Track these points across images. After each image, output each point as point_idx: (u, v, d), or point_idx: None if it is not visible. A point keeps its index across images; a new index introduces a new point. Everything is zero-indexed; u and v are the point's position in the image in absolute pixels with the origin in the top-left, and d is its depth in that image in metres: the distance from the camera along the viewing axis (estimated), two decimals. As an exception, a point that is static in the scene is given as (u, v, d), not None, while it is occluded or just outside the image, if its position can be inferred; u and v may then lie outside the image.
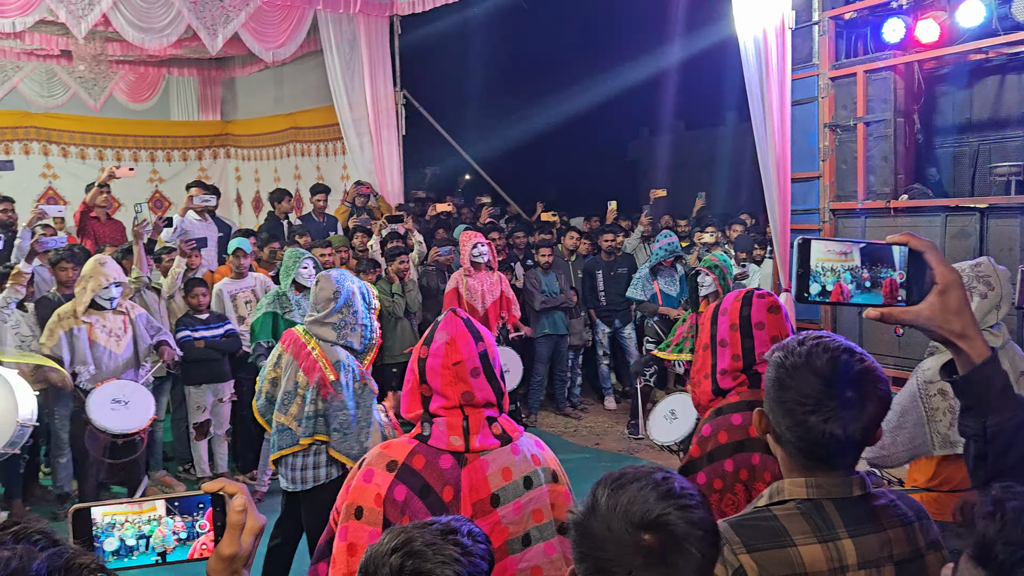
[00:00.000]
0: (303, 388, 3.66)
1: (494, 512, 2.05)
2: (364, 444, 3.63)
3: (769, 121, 6.03)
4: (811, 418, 1.47)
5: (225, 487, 1.19)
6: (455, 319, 2.13)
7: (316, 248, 6.61)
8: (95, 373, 5.16)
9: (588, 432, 7.48)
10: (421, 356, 2.12)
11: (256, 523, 1.21)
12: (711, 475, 2.31)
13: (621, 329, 7.95)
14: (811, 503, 1.53)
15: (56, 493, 5.70)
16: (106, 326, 5.23)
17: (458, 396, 2.06)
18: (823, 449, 1.49)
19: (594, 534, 1.19)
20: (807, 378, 1.47)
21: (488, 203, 9.33)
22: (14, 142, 9.61)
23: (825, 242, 1.32)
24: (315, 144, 9.97)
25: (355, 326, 3.68)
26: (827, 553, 1.49)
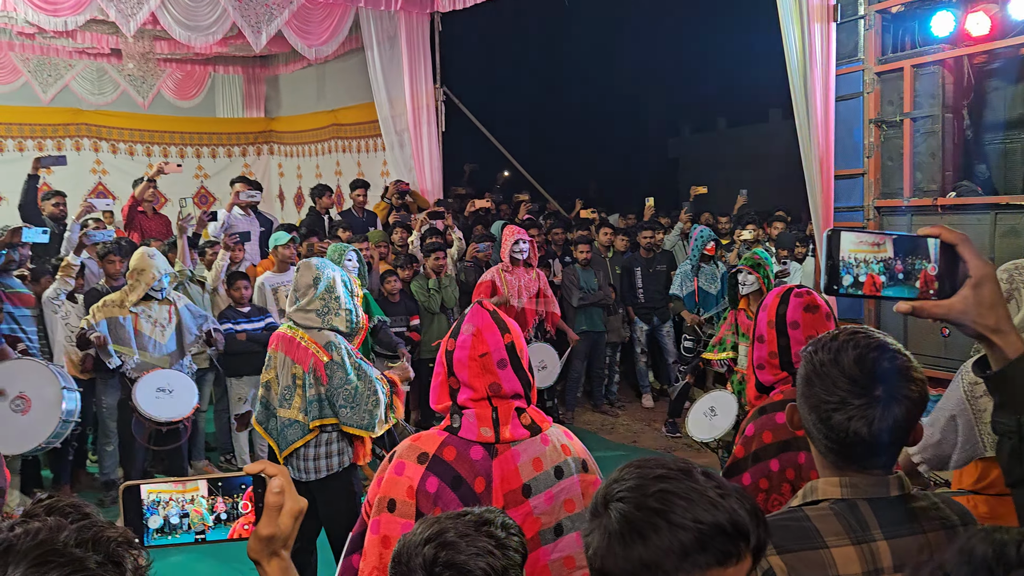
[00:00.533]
0: (300, 378, 3.66)
1: (526, 503, 2.06)
2: (375, 413, 3.62)
3: (813, 117, 5.93)
4: (835, 415, 1.43)
5: (266, 468, 1.20)
6: (481, 311, 2.14)
7: (353, 243, 6.67)
8: (140, 362, 5.28)
9: (625, 430, 7.45)
10: (448, 348, 2.13)
11: (296, 505, 1.20)
12: (756, 475, 2.27)
13: (659, 327, 7.90)
14: (845, 503, 1.48)
15: (102, 480, 5.84)
16: (151, 316, 5.34)
17: (485, 387, 2.07)
18: (849, 448, 1.46)
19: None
20: (833, 374, 1.44)
21: (527, 200, 9.32)
22: (66, 139, 9.86)
23: (856, 233, 1.30)
24: (356, 140, 10.06)
25: (338, 311, 3.67)
26: (861, 555, 1.44)
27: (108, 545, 0.89)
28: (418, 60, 8.64)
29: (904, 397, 1.42)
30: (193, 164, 10.78)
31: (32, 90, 9.91)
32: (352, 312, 3.76)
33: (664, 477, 1.12)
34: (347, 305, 3.73)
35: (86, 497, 5.77)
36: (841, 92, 6.14)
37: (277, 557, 1.21)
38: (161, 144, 10.55)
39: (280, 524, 1.19)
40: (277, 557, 1.21)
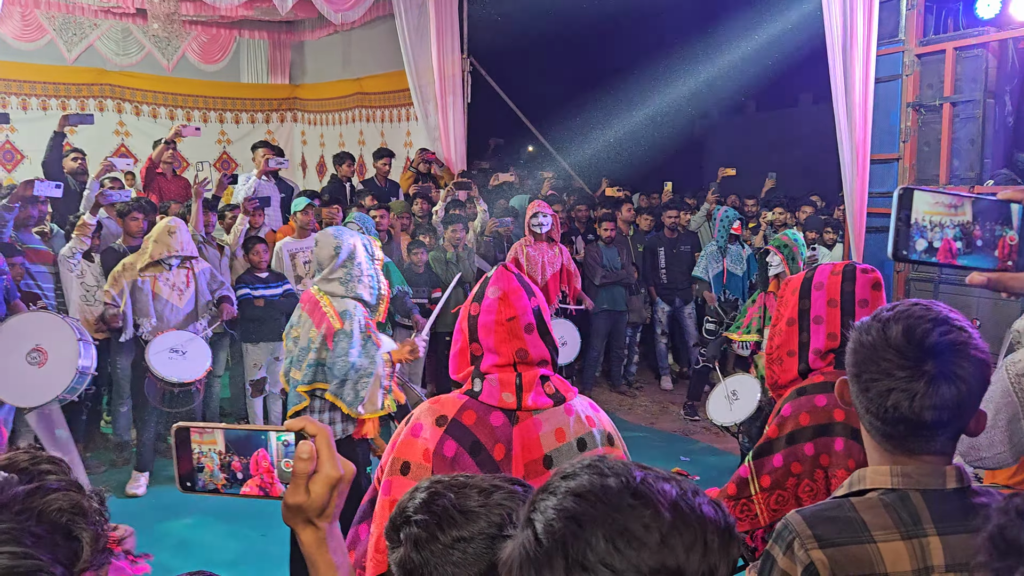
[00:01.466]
0: (315, 341, 3.63)
1: (547, 474, 1.97)
2: (360, 393, 3.59)
3: (851, 99, 5.76)
4: (875, 386, 1.32)
5: (306, 427, 1.08)
6: (507, 273, 2.04)
7: (373, 211, 6.60)
8: (156, 325, 5.24)
9: (643, 411, 7.36)
10: (472, 313, 2.03)
11: (333, 473, 1.08)
12: (789, 458, 2.17)
13: (681, 308, 7.78)
14: (896, 494, 1.36)
15: (116, 441, 5.83)
16: (169, 279, 5.30)
17: (512, 353, 1.97)
18: (893, 427, 1.34)
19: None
20: (879, 344, 1.33)
21: (551, 176, 9.19)
22: (89, 99, 9.81)
23: (931, 193, 1.17)
24: (380, 110, 9.96)
25: (361, 278, 3.64)
26: (911, 551, 1.32)
27: (52, 516, 0.81)
28: (446, 29, 8.49)
29: (954, 375, 1.29)
30: (216, 129, 10.71)
31: (57, 49, 9.84)
32: (374, 279, 3.71)
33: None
34: (369, 272, 3.69)
35: (99, 457, 5.77)
36: (879, 74, 5.95)
37: (312, 526, 1.10)
38: (184, 108, 10.48)
39: (312, 492, 1.07)
40: (312, 526, 1.10)
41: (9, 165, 9.20)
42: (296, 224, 6.48)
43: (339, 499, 1.10)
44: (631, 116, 17.08)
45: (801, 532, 1.36)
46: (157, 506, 5.14)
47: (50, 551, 0.79)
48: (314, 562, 1.12)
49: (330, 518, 1.11)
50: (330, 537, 1.12)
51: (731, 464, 5.41)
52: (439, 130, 8.62)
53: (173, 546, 4.60)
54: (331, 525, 1.12)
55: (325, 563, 1.11)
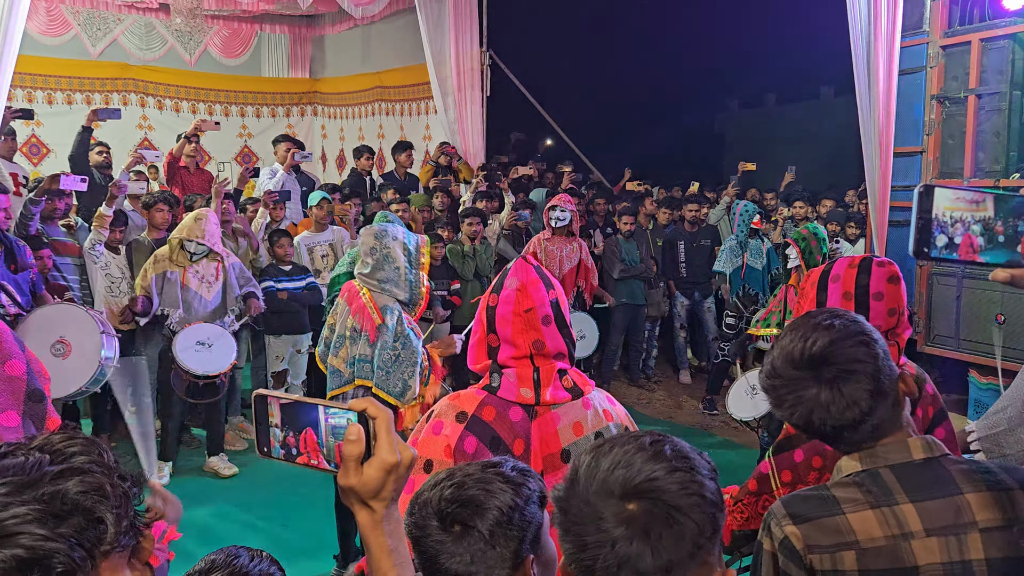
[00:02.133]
0: (351, 332, 3.68)
1: (564, 468, 1.98)
2: (408, 383, 3.62)
3: (874, 91, 5.70)
4: (799, 414, 1.45)
5: (368, 408, 1.08)
6: (525, 265, 2.05)
7: (393, 204, 6.64)
8: (183, 316, 5.30)
9: (661, 405, 7.35)
10: (490, 304, 2.04)
11: (387, 457, 1.07)
12: (810, 452, 2.17)
13: (701, 302, 7.76)
14: (866, 473, 1.44)
15: (140, 431, 5.89)
16: (199, 271, 5.36)
17: (528, 345, 1.99)
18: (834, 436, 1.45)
19: (572, 507, 1.05)
20: (783, 375, 1.47)
21: (571, 169, 9.18)
22: (113, 93, 9.92)
23: (952, 189, 1.17)
24: (400, 103, 9.98)
25: (398, 281, 3.64)
26: (882, 518, 1.38)
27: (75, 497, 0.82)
28: (464, 22, 8.49)
29: (846, 370, 1.40)
30: (237, 123, 10.79)
31: (81, 43, 9.95)
32: (412, 284, 3.69)
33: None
34: (408, 276, 3.67)
35: (124, 446, 5.85)
36: (903, 66, 5.89)
37: (366, 508, 1.10)
38: (206, 102, 10.56)
39: (365, 475, 1.07)
40: (366, 508, 1.10)
41: (35, 159, 9.32)
42: (312, 218, 6.54)
43: (397, 483, 1.09)
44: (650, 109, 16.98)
45: (776, 513, 1.45)
46: (179, 495, 5.20)
47: (73, 532, 0.80)
48: (368, 544, 1.12)
49: (386, 501, 1.10)
50: (387, 520, 1.11)
51: (750, 459, 5.39)
52: (458, 124, 8.63)
53: (195, 535, 4.66)
54: (388, 508, 1.11)
55: (378, 546, 1.11)
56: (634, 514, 1.00)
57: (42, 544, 0.78)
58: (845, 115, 6.10)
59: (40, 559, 0.78)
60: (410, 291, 3.66)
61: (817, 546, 1.39)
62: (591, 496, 1.03)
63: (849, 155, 6.06)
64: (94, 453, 0.87)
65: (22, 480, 0.81)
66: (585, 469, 1.06)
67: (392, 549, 1.11)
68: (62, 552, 0.79)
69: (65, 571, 0.79)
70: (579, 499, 1.04)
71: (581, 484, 1.05)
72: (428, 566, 1.33)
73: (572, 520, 1.05)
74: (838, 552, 1.38)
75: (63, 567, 0.79)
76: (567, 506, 1.06)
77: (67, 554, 0.79)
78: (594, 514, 1.02)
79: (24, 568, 0.77)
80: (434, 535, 1.34)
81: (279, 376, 6.15)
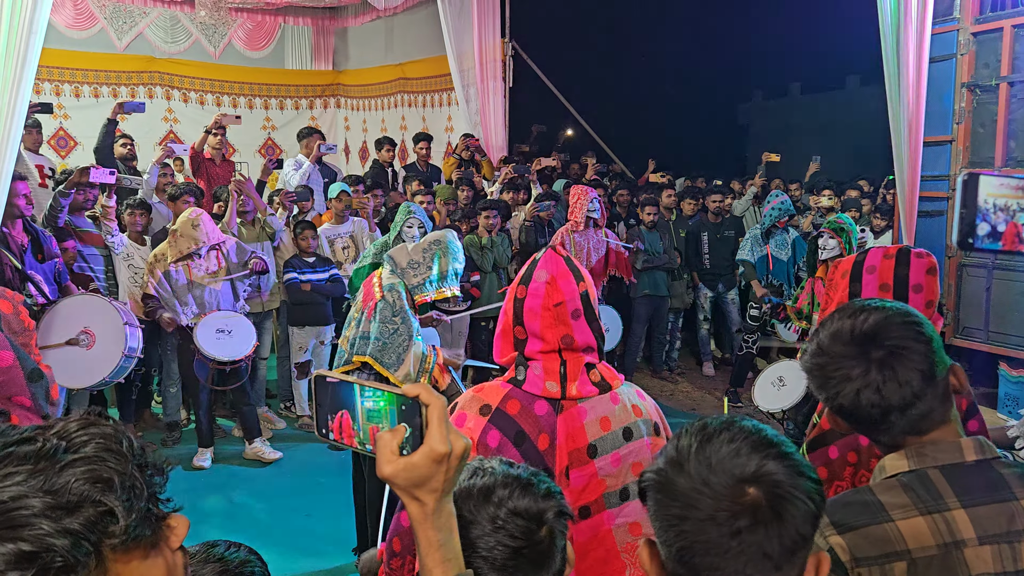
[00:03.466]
0: (358, 312, 3.82)
1: (591, 463, 1.95)
2: (402, 357, 3.71)
3: (904, 79, 5.61)
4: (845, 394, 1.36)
5: (421, 395, 1.03)
6: (555, 257, 1.99)
7: (418, 196, 6.64)
8: (198, 312, 5.33)
9: (684, 397, 7.31)
10: (518, 296, 1.98)
11: (438, 447, 1.01)
12: (844, 449, 2.12)
13: (724, 294, 7.70)
14: (914, 474, 1.34)
15: (166, 421, 5.97)
16: (202, 265, 5.38)
17: (557, 339, 1.94)
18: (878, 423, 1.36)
19: (684, 493, 0.99)
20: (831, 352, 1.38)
21: (594, 160, 9.14)
22: (139, 86, 9.99)
23: (997, 176, 1.14)
24: (422, 95, 9.98)
25: (419, 270, 3.76)
26: (933, 526, 1.29)
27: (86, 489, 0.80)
28: (487, 13, 8.47)
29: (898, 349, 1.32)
30: (261, 116, 10.84)
31: (108, 37, 10.04)
32: (429, 280, 3.80)
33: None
34: (433, 277, 3.81)
35: (150, 437, 5.92)
36: (933, 53, 5.79)
37: (416, 501, 1.05)
38: (231, 94, 10.62)
39: (411, 463, 1.02)
40: (416, 501, 1.05)
41: (63, 151, 9.43)
42: (332, 211, 6.58)
43: (449, 474, 1.04)
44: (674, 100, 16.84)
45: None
46: (216, 482, 5.27)
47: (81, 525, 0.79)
48: (417, 537, 1.08)
49: (437, 493, 1.04)
50: (437, 513, 1.06)
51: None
52: (480, 115, 8.61)
53: (218, 523, 4.71)
54: (440, 501, 1.05)
55: (427, 540, 1.06)
56: (756, 500, 0.97)
57: (46, 539, 0.77)
58: (872, 104, 6.01)
59: (40, 553, 0.76)
60: (421, 284, 3.78)
61: (865, 558, 1.30)
62: (709, 480, 0.99)
63: (876, 145, 5.97)
64: (110, 440, 0.85)
65: (32, 469, 0.80)
66: (693, 454, 1.01)
67: (441, 543, 1.06)
68: (62, 548, 0.77)
69: (64, 566, 0.77)
70: (691, 484, 1.00)
71: (692, 469, 1.00)
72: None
73: (682, 507, 0.99)
74: (888, 563, 1.29)
75: (63, 561, 0.77)
76: (674, 492, 1.01)
77: (68, 550, 0.77)
78: (712, 499, 0.97)
79: (24, 561, 0.75)
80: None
81: (302, 367, 6.18)
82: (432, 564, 1.06)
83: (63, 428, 0.85)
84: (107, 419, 0.89)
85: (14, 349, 1.80)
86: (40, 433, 0.84)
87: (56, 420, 0.88)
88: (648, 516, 1.05)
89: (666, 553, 1.02)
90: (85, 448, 0.83)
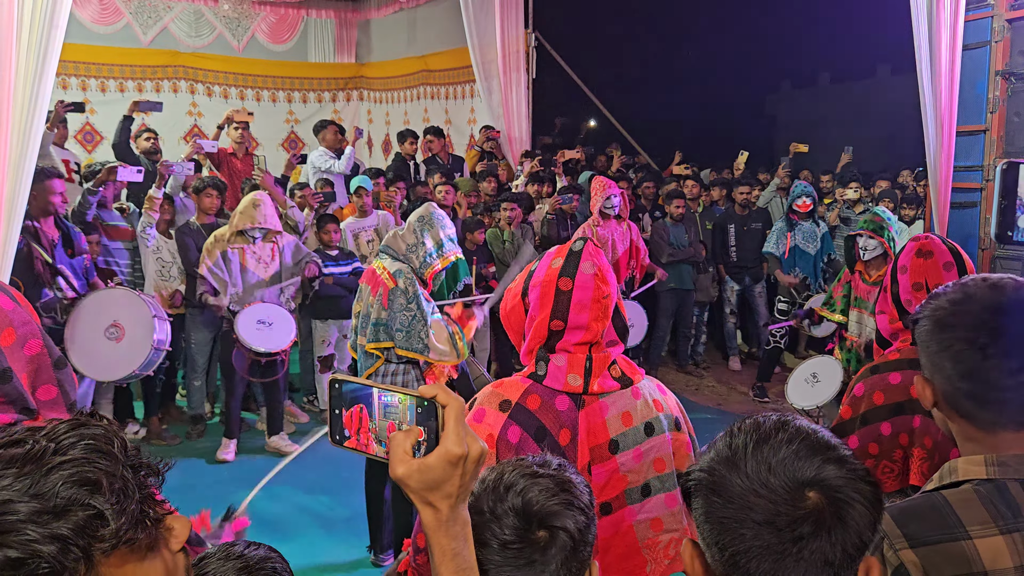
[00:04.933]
0: (372, 305, 3.82)
1: (612, 459, 1.92)
2: (425, 341, 3.75)
3: (936, 67, 5.48)
4: (976, 355, 1.22)
5: (438, 396, 0.99)
6: (596, 250, 1.98)
7: (440, 187, 6.62)
8: (240, 296, 5.36)
9: (710, 392, 7.23)
10: (562, 288, 1.91)
11: (454, 449, 0.97)
12: (865, 439, 2.08)
13: (751, 287, 7.59)
14: (992, 484, 1.25)
15: (190, 415, 6.00)
16: (256, 252, 5.43)
17: (600, 331, 1.92)
18: (996, 396, 1.22)
19: (740, 495, 0.94)
20: (971, 310, 1.23)
21: (619, 152, 9.05)
22: (163, 80, 10.05)
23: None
24: (444, 87, 9.94)
25: (418, 251, 3.80)
26: (1012, 546, 1.21)
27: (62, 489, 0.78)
28: (510, 3, 8.40)
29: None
30: (284, 109, 10.86)
31: (133, 31, 10.10)
32: (428, 255, 3.84)
33: None
34: (432, 250, 3.84)
35: (175, 430, 5.95)
36: (966, 41, 5.65)
37: (430, 507, 1.00)
38: (254, 88, 10.64)
39: (424, 465, 0.98)
40: (430, 507, 1.00)
41: (90, 146, 9.51)
42: (355, 205, 6.59)
43: (464, 479, 0.99)
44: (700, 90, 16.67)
45: (890, 532, 1.25)
46: (239, 473, 5.29)
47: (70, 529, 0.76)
48: (431, 545, 1.03)
49: (452, 499, 0.99)
50: (452, 521, 1.01)
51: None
52: (503, 107, 8.55)
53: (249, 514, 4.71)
54: (455, 508, 1.01)
55: (440, 549, 1.01)
56: (818, 504, 0.92)
57: (32, 545, 0.74)
58: (903, 94, 5.87)
59: (27, 559, 0.74)
60: (421, 263, 3.82)
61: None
62: (769, 483, 0.93)
63: (907, 135, 5.85)
64: (100, 441, 0.83)
65: (19, 472, 0.77)
66: (750, 454, 0.96)
67: (456, 552, 1.01)
68: (49, 554, 0.75)
69: (51, 571, 0.75)
70: (748, 486, 0.94)
71: (748, 471, 0.95)
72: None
73: (736, 510, 0.94)
74: None
75: (49, 567, 0.75)
76: (729, 493, 0.95)
77: (55, 556, 0.75)
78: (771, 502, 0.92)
79: (10, 568, 0.74)
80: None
81: (325, 360, 6.18)
82: (446, 573, 1.02)
83: (52, 430, 0.83)
84: (100, 419, 0.87)
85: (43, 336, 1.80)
86: (30, 435, 0.82)
87: (48, 421, 0.86)
88: (694, 517, 1.00)
89: (716, 556, 0.97)
90: (73, 450, 0.81)
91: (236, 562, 1.48)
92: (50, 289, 4.67)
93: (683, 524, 1.97)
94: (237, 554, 1.50)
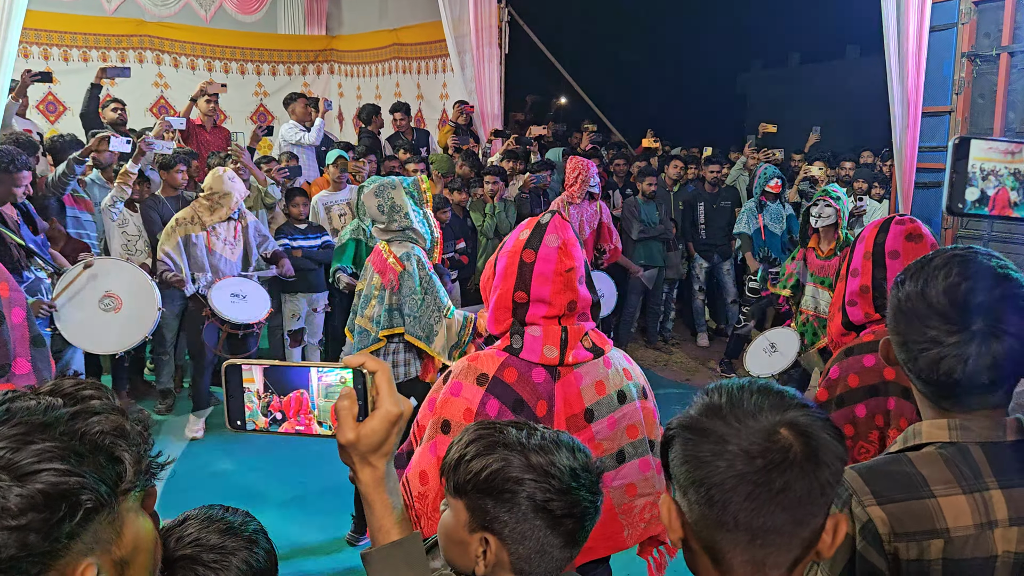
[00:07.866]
0: (378, 289, 3.72)
1: (588, 428, 1.96)
2: (434, 328, 3.66)
3: (904, 49, 5.56)
4: (924, 355, 1.26)
5: (366, 363, 1.06)
6: (563, 223, 1.99)
7: (410, 164, 6.59)
8: (211, 280, 5.31)
9: (679, 367, 7.32)
10: (525, 260, 1.96)
11: (392, 408, 1.05)
12: (841, 421, 2.11)
13: (720, 264, 7.67)
14: (955, 447, 1.30)
15: (159, 389, 5.95)
16: (221, 234, 5.36)
17: (564, 305, 1.94)
18: (948, 389, 1.28)
19: (718, 433, 0.98)
20: (920, 309, 1.27)
21: (592, 129, 9.05)
22: (129, 50, 9.82)
23: (987, 140, 1.11)
24: (416, 61, 9.85)
25: (412, 224, 3.71)
26: (973, 505, 1.26)
27: (94, 437, 0.82)
28: (483, -23, 8.33)
29: (1004, 332, 1.22)
30: (253, 81, 10.68)
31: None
32: (424, 224, 3.77)
33: None
34: (419, 218, 3.76)
35: (143, 404, 5.89)
36: (933, 22, 5.73)
37: (368, 466, 1.08)
38: (222, 59, 10.45)
39: (367, 428, 1.05)
40: (368, 466, 1.08)
41: (52, 116, 9.29)
42: (328, 177, 6.52)
43: (397, 437, 1.08)
44: (671, 69, 16.68)
45: (858, 488, 1.30)
46: (210, 449, 5.27)
47: (94, 471, 0.80)
48: (371, 502, 1.10)
49: (388, 456, 1.08)
50: (388, 477, 1.10)
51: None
52: (475, 82, 8.50)
53: (213, 492, 4.71)
54: (388, 465, 1.10)
55: (382, 503, 1.10)
56: (790, 438, 0.96)
57: (65, 480, 0.77)
58: (872, 75, 5.95)
59: (65, 494, 0.77)
60: (425, 230, 3.73)
61: (905, 533, 1.27)
62: (742, 420, 0.98)
63: (875, 116, 5.92)
64: (105, 397, 0.87)
65: (36, 421, 0.80)
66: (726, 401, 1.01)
67: (394, 506, 1.11)
68: (88, 487, 0.78)
69: (94, 507, 0.79)
70: (724, 424, 0.99)
71: (725, 413, 1.00)
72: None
73: (713, 447, 0.98)
74: (927, 540, 1.27)
75: (92, 503, 0.79)
76: (705, 432, 0.99)
77: (94, 488, 0.79)
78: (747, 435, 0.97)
79: (51, 504, 0.76)
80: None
81: (295, 334, 6.16)
82: (389, 526, 1.10)
83: (55, 386, 0.87)
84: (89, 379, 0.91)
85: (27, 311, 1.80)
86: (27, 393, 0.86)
87: (46, 383, 0.89)
88: (672, 465, 1.04)
89: (692, 498, 1.00)
90: (89, 402, 0.85)
91: (219, 524, 1.51)
92: (28, 272, 4.55)
93: (655, 488, 2.02)
94: (218, 517, 1.52)
